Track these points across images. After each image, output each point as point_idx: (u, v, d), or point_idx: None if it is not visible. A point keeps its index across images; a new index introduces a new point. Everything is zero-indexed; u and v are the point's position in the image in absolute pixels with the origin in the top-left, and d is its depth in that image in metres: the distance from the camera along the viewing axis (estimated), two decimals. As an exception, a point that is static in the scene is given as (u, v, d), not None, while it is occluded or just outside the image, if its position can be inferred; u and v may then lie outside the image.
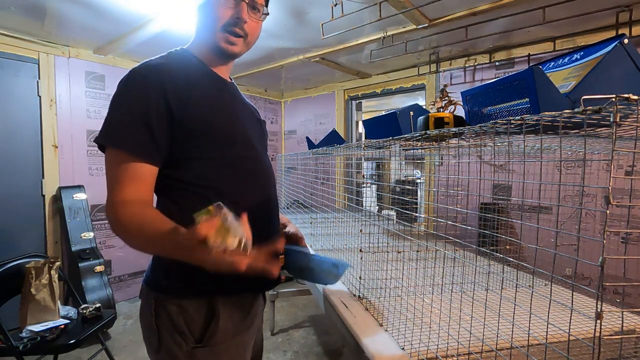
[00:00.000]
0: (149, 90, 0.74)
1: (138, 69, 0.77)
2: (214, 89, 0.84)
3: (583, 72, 0.74)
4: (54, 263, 1.86)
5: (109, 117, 0.75)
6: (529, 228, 1.41)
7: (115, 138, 0.74)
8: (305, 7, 2.01)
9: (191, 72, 0.82)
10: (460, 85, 2.74)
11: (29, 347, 1.58)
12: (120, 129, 0.73)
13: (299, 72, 3.35)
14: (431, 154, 2.09)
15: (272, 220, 0.90)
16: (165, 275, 0.78)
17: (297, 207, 2.75)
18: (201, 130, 0.78)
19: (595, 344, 0.44)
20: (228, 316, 0.79)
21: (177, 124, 0.75)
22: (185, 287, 0.77)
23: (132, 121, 0.73)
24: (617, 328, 0.96)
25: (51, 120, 2.61)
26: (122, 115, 0.74)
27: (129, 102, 0.74)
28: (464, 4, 1.92)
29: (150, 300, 0.79)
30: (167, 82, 0.75)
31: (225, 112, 0.83)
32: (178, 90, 0.76)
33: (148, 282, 0.82)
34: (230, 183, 0.81)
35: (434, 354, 0.84)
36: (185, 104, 0.76)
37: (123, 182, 0.72)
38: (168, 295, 0.77)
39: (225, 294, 0.79)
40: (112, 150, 0.74)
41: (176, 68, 0.80)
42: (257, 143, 0.90)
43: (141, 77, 0.76)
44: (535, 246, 0.57)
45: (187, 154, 0.78)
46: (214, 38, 0.82)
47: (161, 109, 0.74)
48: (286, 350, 2.35)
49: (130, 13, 2.08)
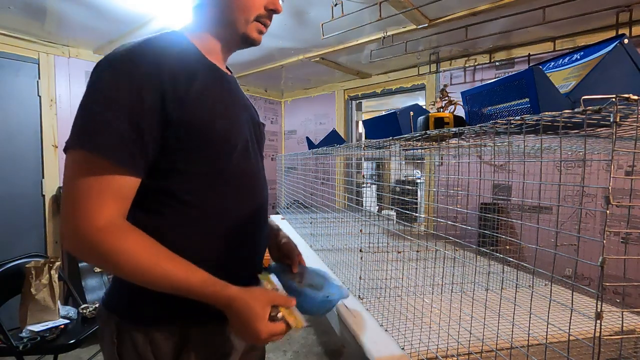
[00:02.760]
0: (142, 80, 0.58)
1: (124, 51, 0.61)
2: (215, 85, 0.71)
3: (583, 72, 0.74)
4: (54, 263, 1.86)
5: (85, 112, 0.58)
6: (529, 228, 1.41)
7: (93, 140, 0.56)
8: (305, 7, 2.01)
9: (190, 62, 0.67)
10: (460, 85, 2.74)
11: (29, 347, 1.58)
12: (101, 129, 0.56)
13: (299, 72, 3.34)
14: (431, 154, 2.09)
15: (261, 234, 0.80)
16: (131, 298, 0.66)
17: (297, 207, 2.75)
18: (197, 136, 0.65)
19: (595, 344, 0.44)
20: (203, 349, 0.69)
21: (171, 126, 0.61)
22: (154, 314, 0.66)
23: (117, 119, 0.57)
24: (617, 328, 0.95)
25: (51, 120, 2.61)
26: (104, 110, 0.57)
27: (114, 94, 0.57)
28: (464, 4, 1.92)
29: (111, 326, 0.66)
30: (164, 71, 0.60)
31: (226, 115, 0.70)
32: (176, 82, 0.62)
33: (108, 305, 0.69)
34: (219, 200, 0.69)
35: (434, 354, 0.84)
36: (182, 102, 0.62)
37: (102, 200, 0.57)
38: (133, 322, 0.66)
39: (199, 323, 0.68)
40: (86, 155, 0.57)
41: (173, 54, 0.65)
42: (255, 151, 0.79)
43: (130, 62, 0.59)
44: (535, 246, 0.57)
45: (176, 164, 0.65)
46: (244, 27, 0.72)
47: (155, 106, 0.59)
48: (286, 350, 2.35)
49: (130, 13, 2.08)
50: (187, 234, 0.67)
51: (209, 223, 0.68)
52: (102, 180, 0.57)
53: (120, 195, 0.59)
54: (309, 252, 1.89)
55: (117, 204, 0.59)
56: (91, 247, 0.57)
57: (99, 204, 0.57)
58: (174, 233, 0.66)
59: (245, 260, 0.74)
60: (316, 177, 2.87)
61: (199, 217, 0.67)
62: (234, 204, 0.72)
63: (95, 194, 0.57)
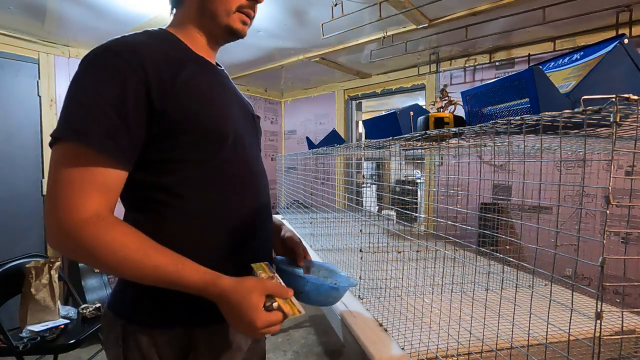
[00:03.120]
0: (126, 71, 0.58)
1: (109, 44, 0.61)
2: (202, 76, 0.70)
3: (583, 72, 0.74)
4: (54, 263, 1.86)
5: (70, 103, 0.58)
6: (529, 228, 1.41)
7: (78, 130, 0.55)
8: (305, 7, 2.01)
9: (176, 53, 0.68)
10: (460, 85, 2.74)
11: (29, 347, 1.58)
12: (86, 119, 0.56)
13: (299, 72, 3.34)
14: (431, 154, 2.09)
15: (265, 230, 0.80)
16: (135, 300, 0.66)
17: (297, 207, 2.75)
18: (186, 126, 0.64)
19: (595, 344, 0.44)
20: (208, 351, 0.69)
21: (158, 117, 0.61)
22: (159, 316, 0.66)
23: (102, 110, 0.56)
24: (617, 328, 0.95)
25: (51, 120, 2.61)
26: (89, 101, 0.57)
27: (99, 86, 0.57)
28: (464, 4, 1.92)
29: (116, 328, 0.67)
30: (148, 62, 0.60)
31: (215, 104, 0.69)
32: (161, 73, 0.61)
33: (112, 307, 0.70)
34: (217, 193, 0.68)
35: (434, 354, 0.84)
36: (168, 92, 0.62)
37: (87, 191, 0.55)
38: (138, 324, 0.66)
39: (204, 324, 0.68)
40: (70, 146, 0.56)
41: (158, 46, 0.65)
42: (251, 143, 0.78)
43: (114, 54, 0.59)
44: (535, 246, 0.57)
45: (165, 155, 0.64)
46: (226, 19, 0.72)
47: (140, 97, 0.59)
48: (286, 350, 2.35)
49: (130, 13, 2.08)
50: (187, 229, 0.66)
51: (208, 216, 0.67)
52: (87, 171, 0.56)
53: (106, 187, 0.58)
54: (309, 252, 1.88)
55: (102, 196, 0.57)
56: (76, 240, 0.55)
57: (83, 195, 0.55)
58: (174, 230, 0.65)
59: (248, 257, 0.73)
60: (316, 177, 2.87)
61: (197, 211, 0.66)
62: (232, 196, 0.71)
63: (79, 186, 0.55)
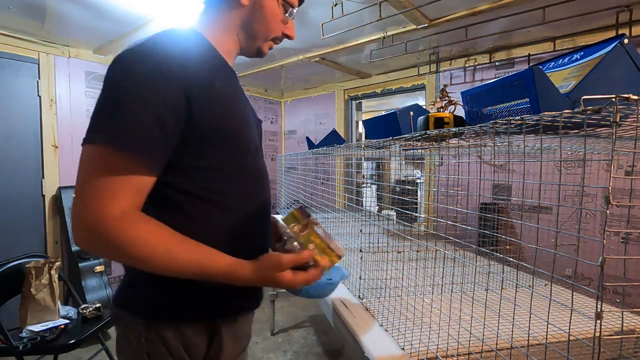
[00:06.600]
0: (166, 77, 0.58)
1: (146, 46, 0.61)
2: (231, 85, 0.72)
3: (583, 72, 0.74)
4: (54, 263, 1.86)
5: (109, 106, 0.58)
6: (529, 228, 1.41)
7: (121, 138, 0.56)
8: (305, 7, 2.00)
9: (212, 60, 0.69)
10: (460, 85, 2.74)
11: (29, 347, 1.58)
12: (125, 123, 0.56)
13: (299, 72, 3.34)
14: (431, 154, 2.09)
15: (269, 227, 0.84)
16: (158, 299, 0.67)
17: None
18: (218, 136, 0.66)
19: (595, 344, 0.44)
20: (231, 338, 0.72)
21: (194, 126, 0.62)
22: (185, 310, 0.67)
23: (141, 114, 0.57)
24: (617, 328, 0.96)
25: (51, 120, 2.61)
26: (129, 106, 0.57)
27: (138, 89, 0.57)
28: (464, 4, 1.92)
29: (138, 327, 0.66)
30: (188, 68, 0.61)
31: (241, 115, 0.72)
32: (200, 81, 0.62)
33: (127, 306, 0.69)
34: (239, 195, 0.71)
35: (434, 354, 0.84)
36: (206, 100, 0.63)
37: (120, 194, 0.57)
38: (161, 320, 0.66)
39: (228, 315, 0.71)
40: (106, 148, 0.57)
41: (195, 51, 0.66)
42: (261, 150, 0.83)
43: (154, 58, 0.59)
44: (535, 246, 0.57)
45: (198, 161, 0.65)
46: (262, 43, 0.79)
47: (180, 105, 0.59)
48: (286, 350, 2.35)
49: (130, 13, 2.08)
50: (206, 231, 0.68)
51: (228, 220, 0.70)
52: (123, 177, 0.57)
53: (137, 189, 0.59)
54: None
55: (132, 197, 0.59)
56: (107, 237, 0.57)
57: (114, 195, 0.57)
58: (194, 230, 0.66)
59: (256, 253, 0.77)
60: (316, 177, 2.87)
61: (219, 214, 0.69)
62: (250, 200, 0.74)
63: (113, 186, 0.57)
